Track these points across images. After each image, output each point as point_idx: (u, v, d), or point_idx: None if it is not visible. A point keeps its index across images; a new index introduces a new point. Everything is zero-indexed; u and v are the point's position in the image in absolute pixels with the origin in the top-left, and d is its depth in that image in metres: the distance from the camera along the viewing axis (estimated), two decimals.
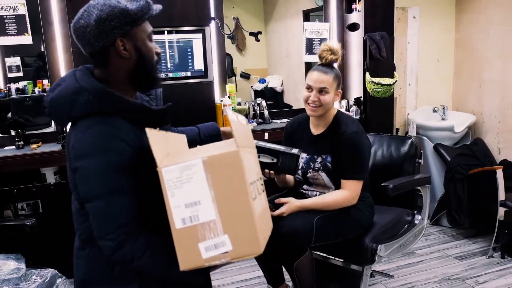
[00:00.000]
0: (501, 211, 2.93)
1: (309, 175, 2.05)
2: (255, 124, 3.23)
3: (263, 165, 1.71)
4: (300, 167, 2.03)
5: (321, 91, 1.95)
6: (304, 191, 2.13)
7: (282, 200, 1.93)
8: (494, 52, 3.53)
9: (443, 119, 3.79)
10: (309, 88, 1.98)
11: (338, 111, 2.07)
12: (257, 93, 4.43)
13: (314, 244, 1.91)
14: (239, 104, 3.28)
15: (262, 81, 4.55)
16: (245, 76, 4.61)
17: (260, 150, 1.77)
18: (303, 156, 2.05)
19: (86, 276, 1.25)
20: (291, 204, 1.91)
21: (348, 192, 1.93)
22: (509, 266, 2.89)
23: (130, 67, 1.23)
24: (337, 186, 1.99)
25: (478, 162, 3.34)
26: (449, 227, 3.50)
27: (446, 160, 3.40)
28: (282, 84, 4.55)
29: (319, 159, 2.03)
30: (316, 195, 2.07)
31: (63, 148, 2.74)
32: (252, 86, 4.52)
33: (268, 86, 4.49)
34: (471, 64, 3.76)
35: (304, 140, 2.10)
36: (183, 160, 1.03)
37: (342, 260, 2.22)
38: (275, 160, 1.81)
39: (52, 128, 3.00)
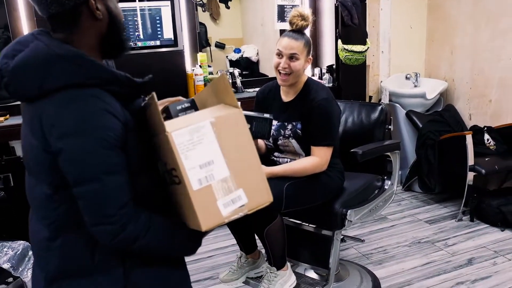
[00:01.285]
0: (470, 175, 3.01)
1: (279, 142, 2.05)
2: None
3: None
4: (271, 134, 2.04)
5: (292, 57, 1.94)
6: (275, 158, 2.14)
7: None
8: (466, 17, 3.54)
9: (415, 86, 3.82)
10: (279, 54, 1.97)
11: (309, 78, 2.07)
12: (232, 63, 4.39)
13: (285, 210, 1.94)
14: (211, 73, 3.23)
15: (237, 50, 4.50)
16: (220, 46, 4.54)
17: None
18: (274, 123, 2.05)
19: (60, 269, 1.10)
20: None
21: (317, 159, 1.95)
22: (477, 229, 2.98)
23: (102, 29, 1.10)
24: (308, 153, 2.01)
25: (449, 128, 3.40)
26: (421, 192, 3.58)
27: (418, 127, 3.45)
28: (257, 53, 4.51)
29: (289, 126, 2.03)
30: (287, 162, 2.08)
31: None
32: (227, 56, 4.46)
33: (244, 56, 4.45)
34: (443, 30, 3.77)
35: (275, 107, 2.09)
36: (190, 123, 1.05)
37: (313, 226, 2.25)
38: (248, 126, 1.80)
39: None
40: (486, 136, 3.25)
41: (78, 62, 1.01)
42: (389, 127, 2.32)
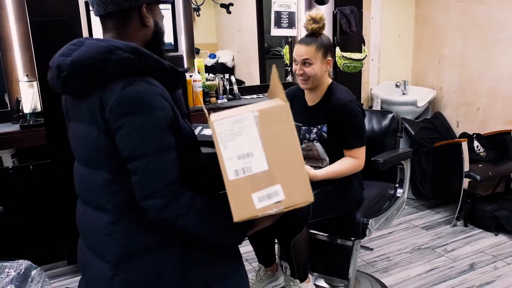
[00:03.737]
0: (466, 182, 3.07)
1: (303, 146, 2.01)
2: (226, 100, 3.13)
3: None
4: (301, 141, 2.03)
5: (304, 63, 1.93)
6: None
7: None
8: (454, 28, 3.63)
9: (404, 93, 3.88)
10: (295, 61, 1.97)
11: (333, 82, 2.05)
12: (208, 69, 4.28)
13: (311, 221, 1.89)
14: (208, 79, 3.15)
15: (212, 56, 4.41)
16: (195, 51, 4.45)
17: None
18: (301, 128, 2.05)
19: (124, 251, 1.15)
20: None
21: (356, 160, 1.94)
22: (472, 234, 3.04)
23: (147, 37, 1.22)
24: (332, 157, 1.97)
25: (440, 135, 3.47)
26: (413, 198, 3.63)
27: (410, 134, 3.50)
28: (233, 59, 4.44)
29: (314, 130, 2.00)
30: None
31: (22, 128, 2.51)
32: None
33: (219, 62, 4.37)
34: (430, 39, 3.86)
35: (300, 111, 2.06)
36: (233, 114, 1.06)
37: (327, 235, 2.21)
38: None
39: None
40: (476, 143, 3.33)
41: (132, 52, 1.10)
42: (400, 135, 2.32)
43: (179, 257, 1.17)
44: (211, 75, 3.29)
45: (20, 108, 2.66)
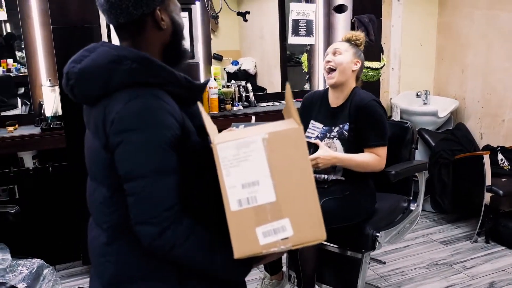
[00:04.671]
0: (487, 196, 2.98)
1: (323, 143, 2.00)
2: (241, 107, 3.13)
3: None
4: (314, 135, 2.06)
5: (335, 53, 2.02)
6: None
7: (315, 141, 1.88)
8: (478, 37, 3.55)
9: (425, 103, 3.80)
10: (327, 55, 2.06)
11: (356, 87, 2.08)
12: (230, 75, 4.33)
13: None
14: (224, 86, 3.17)
15: (235, 63, 4.44)
16: (218, 58, 4.48)
17: None
18: (320, 126, 2.07)
19: (117, 274, 1.08)
20: (327, 151, 1.87)
21: (377, 157, 1.93)
22: (494, 251, 2.94)
23: (165, 39, 1.14)
24: None
25: (462, 147, 3.38)
26: (432, 211, 3.54)
27: (430, 145, 3.42)
28: (255, 66, 4.45)
29: (336, 129, 2.02)
30: (324, 179, 2.02)
31: (43, 131, 2.58)
32: (224, 68, 4.40)
33: (241, 68, 4.39)
34: (453, 48, 3.78)
35: (322, 112, 2.11)
36: (240, 137, 0.95)
37: (337, 246, 2.18)
38: None
39: (18, 110, 2.86)
40: (500, 156, 3.23)
41: (142, 62, 1.04)
42: (415, 146, 2.27)
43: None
44: (233, 81, 3.31)
45: (42, 111, 2.74)
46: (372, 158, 1.93)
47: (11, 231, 2.29)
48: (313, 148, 1.93)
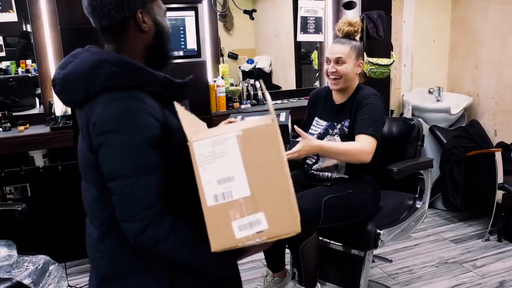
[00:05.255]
0: (499, 194, 2.92)
1: (325, 140, 2.00)
2: (249, 105, 3.14)
3: None
4: (317, 132, 2.04)
5: (338, 61, 1.96)
6: (314, 172, 2.06)
7: (299, 130, 1.79)
8: (492, 32, 3.47)
9: (438, 100, 3.74)
10: (328, 60, 2.01)
11: (360, 84, 2.07)
12: (245, 74, 4.33)
13: (321, 226, 1.86)
14: (232, 85, 3.18)
15: (250, 61, 4.43)
16: (233, 56, 4.48)
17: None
18: (323, 123, 2.06)
19: (110, 270, 1.13)
20: (309, 141, 1.77)
21: (362, 144, 1.83)
22: (506, 250, 2.88)
23: (148, 41, 1.16)
24: None
25: (474, 144, 3.31)
26: (444, 209, 3.49)
27: (442, 142, 3.37)
28: (270, 64, 4.44)
29: (338, 126, 2.01)
30: (327, 177, 2.02)
31: (52, 130, 2.63)
32: (240, 67, 4.40)
33: (256, 67, 4.39)
34: (467, 44, 3.71)
35: (326, 108, 2.10)
36: (215, 134, 0.98)
37: (341, 244, 2.17)
38: None
39: (36, 110, 2.90)
40: None
41: (121, 65, 1.07)
42: (421, 144, 2.24)
43: (165, 283, 1.11)
44: (248, 79, 3.35)
45: (53, 111, 2.79)
46: (354, 146, 1.85)
47: (19, 228, 2.34)
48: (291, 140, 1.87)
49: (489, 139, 3.49)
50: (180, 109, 1.06)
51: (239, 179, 0.96)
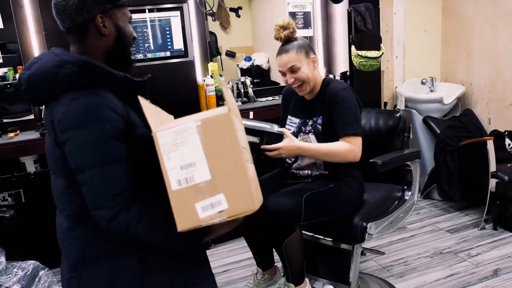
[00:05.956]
0: (492, 182, 2.90)
1: (299, 138, 1.98)
2: (240, 103, 3.14)
3: (251, 146, 1.66)
4: (291, 131, 2.00)
5: (292, 71, 1.90)
6: (295, 171, 2.06)
7: (283, 130, 1.80)
8: (483, 20, 3.45)
9: (431, 91, 3.72)
10: (283, 73, 1.96)
11: (326, 77, 2.03)
12: (243, 72, 4.33)
13: (303, 223, 1.86)
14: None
15: (248, 59, 4.44)
16: (231, 54, 4.49)
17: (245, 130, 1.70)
18: (296, 121, 2.04)
19: (80, 256, 1.19)
20: (291, 141, 1.77)
21: (349, 145, 1.83)
22: (501, 238, 2.87)
23: (108, 45, 1.23)
24: None
25: (468, 133, 3.30)
26: (440, 200, 3.48)
27: (436, 133, 3.35)
28: (268, 61, 4.44)
29: (310, 122, 1.98)
30: (307, 174, 2.01)
31: (42, 135, 2.64)
32: (238, 65, 4.41)
33: (254, 64, 4.39)
34: (459, 33, 3.68)
35: (298, 105, 2.07)
36: (177, 124, 1.07)
37: (331, 239, 2.17)
38: (258, 140, 1.76)
39: (30, 116, 2.91)
40: (508, 141, 3.15)
41: (81, 65, 1.13)
42: (408, 135, 2.23)
43: (135, 266, 1.18)
44: (247, 78, 3.35)
45: (42, 116, 2.80)
46: (342, 147, 1.83)
47: (7, 234, 2.35)
48: (274, 136, 1.82)
49: (483, 127, 3.47)
50: (144, 102, 1.12)
51: (200, 165, 1.05)
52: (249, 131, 1.73)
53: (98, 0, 1.19)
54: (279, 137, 1.78)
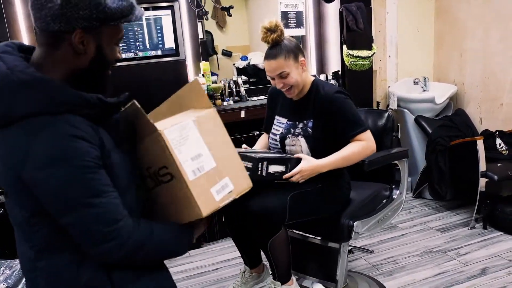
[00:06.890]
0: (482, 182, 2.92)
1: (287, 140, 1.98)
2: (232, 102, 3.15)
3: (278, 175, 1.81)
4: (279, 132, 2.01)
5: (281, 76, 1.88)
6: None
7: (298, 155, 1.84)
8: (475, 20, 3.46)
9: (424, 90, 3.73)
10: (271, 78, 1.93)
11: (315, 78, 2.01)
12: (240, 71, 4.33)
13: (288, 222, 1.87)
14: (214, 82, 3.18)
15: (244, 58, 4.43)
16: (227, 53, 4.49)
17: (269, 160, 1.78)
18: (284, 121, 2.03)
19: None
20: (308, 162, 1.81)
21: (365, 142, 1.86)
22: (490, 237, 2.88)
23: (81, 64, 1.05)
24: (314, 155, 1.90)
25: (460, 133, 3.31)
26: (432, 199, 3.49)
27: (428, 132, 3.36)
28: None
29: (300, 125, 1.97)
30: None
31: None
32: (234, 64, 4.41)
33: (251, 63, 4.39)
34: (451, 33, 3.69)
35: (285, 105, 2.04)
36: (177, 122, 1.15)
37: (319, 238, 2.18)
38: (284, 168, 1.83)
39: None
40: (498, 141, 3.16)
41: (44, 89, 0.97)
42: (396, 134, 2.24)
43: None
44: (239, 78, 3.39)
45: None
46: (358, 146, 1.86)
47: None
48: (295, 161, 1.84)
49: (475, 127, 3.48)
50: (137, 107, 1.13)
51: (205, 155, 1.17)
52: (275, 161, 1.80)
53: (84, 14, 0.98)
54: (298, 161, 1.84)
